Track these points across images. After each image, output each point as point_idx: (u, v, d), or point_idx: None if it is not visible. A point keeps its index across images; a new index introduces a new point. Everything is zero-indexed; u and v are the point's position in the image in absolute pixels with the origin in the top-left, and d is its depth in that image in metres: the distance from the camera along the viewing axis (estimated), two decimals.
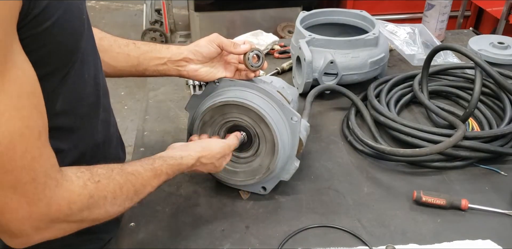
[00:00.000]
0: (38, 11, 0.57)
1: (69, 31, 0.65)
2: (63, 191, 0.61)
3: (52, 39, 0.61)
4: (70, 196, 0.62)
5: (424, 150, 1.02)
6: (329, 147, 1.16)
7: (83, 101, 0.77)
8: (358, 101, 1.25)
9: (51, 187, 0.60)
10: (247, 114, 0.92)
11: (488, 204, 0.97)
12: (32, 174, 0.58)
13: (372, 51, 1.32)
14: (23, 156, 0.57)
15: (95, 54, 0.81)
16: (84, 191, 0.64)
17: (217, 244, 0.89)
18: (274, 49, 1.61)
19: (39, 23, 0.58)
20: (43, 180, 0.59)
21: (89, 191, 0.64)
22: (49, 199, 0.60)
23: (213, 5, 3.06)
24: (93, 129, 0.82)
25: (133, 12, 4.48)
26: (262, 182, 0.98)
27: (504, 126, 1.14)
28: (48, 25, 0.60)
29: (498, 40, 1.35)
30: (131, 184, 0.71)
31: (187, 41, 3.56)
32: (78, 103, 0.75)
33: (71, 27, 0.65)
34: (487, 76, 1.14)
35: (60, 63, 0.66)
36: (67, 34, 0.64)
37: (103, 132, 0.86)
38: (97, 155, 0.84)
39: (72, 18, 0.65)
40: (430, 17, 1.69)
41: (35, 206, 0.59)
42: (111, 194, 0.67)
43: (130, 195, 0.71)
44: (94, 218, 0.67)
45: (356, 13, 1.45)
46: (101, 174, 0.67)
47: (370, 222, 0.94)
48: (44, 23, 0.59)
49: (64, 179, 0.62)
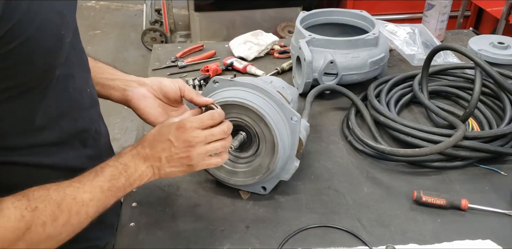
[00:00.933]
0: (2, 33, 0.55)
1: (41, 49, 0.62)
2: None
3: (21, 58, 0.59)
4: (4, 235, 0.59)
5: (424, 150, 1.02)
6: (329, 147, 1.16)
7: (68, 115, 0.74)
8: (358, 101, 1.25)
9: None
10: (247, 114, 0.92)
11: (488, 204, 0.97)
12: None
13: (372, 51, 1.32)
14: None
15: (82, 66, 0.78)
16: (20, 224, 0.61)
17: (217, 244, 0.89)
18: (274, 49, 1.61)
19: (4, 43, 0.56)
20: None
21: (26, 222, 0.61)
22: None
23: (213, 5, 3.06)
24: (82, 142, 0.79)
25: (133, 12, 4.48)
26: (262, 182, 0.98)
27: (504, 126, 1.14)
28: (15, 45, 0.57)
29: (498, 40, 1.35)
30: (71, 197, 0.66)
31: (187, 41, 3.56)
32: (62, 118, 0.72)
33: (43, 45, 0.62)
34: (487, 76, 1.14)
35: (35, 80, 0.64)
36: (39, 52, 0.61)
37: (94, 144, 0.83)
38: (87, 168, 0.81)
39: (46, 35, 0.61)
40: (430, 17, 1.69)
41: None
42: (50, 217, 0.64)
43: (74, 209, 0.66)
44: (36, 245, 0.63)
45: (356, 13, 1.45)
46: (38, 198, 0.64)
47: (370, 222, 0.94)
48: (10, 43, 0.56)
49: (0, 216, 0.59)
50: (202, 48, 1.65)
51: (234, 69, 1.50)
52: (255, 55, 1.56)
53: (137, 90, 0.89)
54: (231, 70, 1.50)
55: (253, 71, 1.47)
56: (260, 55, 1.58)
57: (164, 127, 0.77)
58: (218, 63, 1.51)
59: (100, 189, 0.69)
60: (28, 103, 0.64)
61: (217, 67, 1.46)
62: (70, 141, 0.76)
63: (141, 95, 0.88)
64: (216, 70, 1.45)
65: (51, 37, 0.62)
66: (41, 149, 0.66)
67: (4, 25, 0.54)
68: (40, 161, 0.63)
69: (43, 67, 0.64)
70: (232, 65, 1.50)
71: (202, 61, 1.56)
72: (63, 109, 0.72)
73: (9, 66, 0.58)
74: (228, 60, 1.52)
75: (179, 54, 1.59)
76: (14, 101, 0.60)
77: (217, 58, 1.59)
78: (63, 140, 0.74)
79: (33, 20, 0.58)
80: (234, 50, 1.59)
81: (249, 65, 1.49)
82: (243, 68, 1.48)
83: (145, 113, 0.89)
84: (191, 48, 1.63)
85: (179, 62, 1.54)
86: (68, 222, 0.66)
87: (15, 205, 0.61)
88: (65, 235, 0.67)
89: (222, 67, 1.49)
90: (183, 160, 0.76)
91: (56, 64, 0.66)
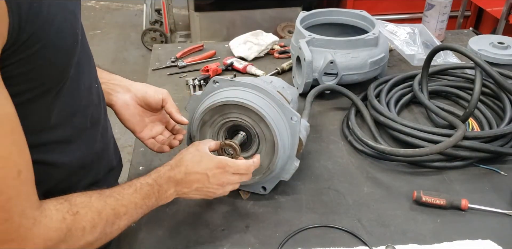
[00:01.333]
0: (27, 37, 0.56)
1: (61, 50, 0.63)
2: (40, 229, 0.60)
3: (42, 60, 0.60)
4: (46, 233, 0.61)
5: (424, 150, 1.02)
6: (329, 147, 1.16)
7: (81, 112, 0.76)
8: (358, 101, 1.25)
9: (26, 226, 0.59)
10: (247, 114, 0.92)
11: (488, 204, 0.97)
12: (5, 215, 0.57)
13: (372, 51, 1.32)
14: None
15: (89, 63, 0.79)
16: (62, 225, 0.63)
17: (217, 244, 0.89)
18: (274, 49, 1.61)
19: (27, 48, 0.57)
20: (18, 220, 0.58)
21: (66, 224, 0.63)
22: (23, 239, 0.59)
23: (213, 5, 3.06)
24: (92, 139, 0.81)
25: (133, 12, 4.48)
26: (262, 182, 0.98)
27: (504, 126, 1.14)
28: (38, 48, 0.58)
29: (498, 40, 1.35)
30: (110, 207, 0.70)
31: (187, 41, 3.56)
32: (74, 115, 0.74)
33: (63, 45, 0.63)
34: (487, 76, 1.14)
35: (53, 81, 0.65)
36: (60, 53, 0.63)
37: (102, 140, 0.85)
38: (97, 164, 0.83)
39: (65, 36, 0.63)
40: (430, 17, 1.69)
41: (6, 246, 0.58)
42: (90, 223, 0.66)
43: (111, 219, 0.69)
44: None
45: (356, 13, 1.45)
46: (79, 204, 0.66)
47: (370, 222, 0.94)
48: (33, 46, 0.57)
49: (43, 216, 0.61)
50: (202, 48, 1.65)
51: (234, 69, 1.50)
52: (255, 55, 1.56)
53: (121, 96, 0.95)
54: (231, 70, 1.50)
55: (253, 71, 1.47)
56: (260, 55, 1.58)
57: (205, 160, 0.84)
58: (218, 63, 1.51)
59: (134, 206, 0.74)
60: (45, 103, 0.65)
61: (217, 67, 1.46)
62: (81, 138, 0.77)
63: (123, 103, 0.95)
64: (216, 70, 1.45)
65: (69, 38, 0.64)
66: (55, 146, 0.67)
67: (28, 30, 0.55)
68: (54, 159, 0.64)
69: (61, 67, 0.65)
70: (232, 65, 1.50)
71: (202, 61, 1.56)
72: (75, 107, 0.74)
73: (31, 68, 0.59)
74: (228, 60, 1.52)
75: (179, 54, 1.59)
76: (34, 101, 0.61)
77: (217, 58, 1.59)
78: (75, 137, 0.75)
79: (53, 22, 0.59)
80: (234, 50, 1.59)
81: (249, 65, 1.49)
82: (243, 68, 1.48)
83: (125, 119, 0.96)
84: (191, 48, 1.63)
85: (179, 62, 1.54)
86: (104, 231, 0.68)
87: (57, 207, 0.63)
88: (98, 243, 0.69)
89: (222, 67, 1.49)
90: (210, 193, 0.86)
91: (72, 63, 0.67)
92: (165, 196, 0.80)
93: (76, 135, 0.75)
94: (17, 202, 0.58)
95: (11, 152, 0.57)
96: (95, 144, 0.82)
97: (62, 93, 0.68)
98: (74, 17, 0.66)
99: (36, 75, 0.61)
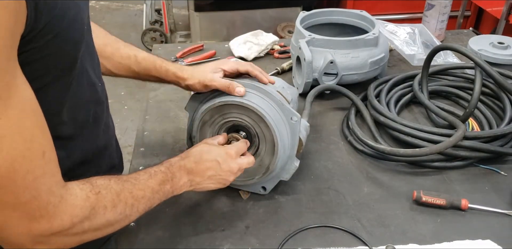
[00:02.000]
0: (42, 26, 0.58)
1: (71, 42, 0.66)
2: (66, 206, 0.63)
3: (54, 49, 0.63)
4: (73, 210, 0.63)
5: (424, 150, 1.02)
6: (329, 147, 1.16)
7: (84, 108, 0.77)
8: (358, 101, 1.25)
9: (54, 204, 0.61)
10: (247, 114, 0.92)
11: (488, 204, 0.97)
12: (33, 193, 0.59)
13: (372, 51, 1.32)
14: (25, 177, 0.58)
15: (93, 60, 0.81)
16: (86, 203, 0.65)
17: (217, 244, 0.89)
18: (274, 49, 1.61)
19: (42, 36, 0.59)
20: (46, 198, 0.60)
21: (90, 202, 0.66)
22: (51, 216, 0.61)
23: (213, 5, 3.06)
24: (94, 135, 0.83)
25: (133, 12, 4.48)
26: (262, 182, 0.98)
27: (504, 126, 1.14)
28: (51, 37, 0.61)
29: (498, 40, 1.35)
30: (128, 190, 0.72)
31: (187, 41, 3.56)
32: (79, 111, 0.76)
33: (72, 37, 0.66)
34: (487, 76, 1.14)
35: (63, 71, 0.68)
36: (69, 44, 0.66)
37: (104, 137, 0.86)
38: (98, 160, 0.84)
39: (75, 29, 0.66)
40: (430, 17, 1.69)
41: (36, 223, 0.60)
42: (110, 203, 0.68)
43: (130, 201, 0.72)
44: (96, 228, 0.68)
45: (356, 13, 1.45)
46: (100, 185, 0.69)
47: (370, 222, 0.94)
48: (47, 36, 0.60)
49: (68, 194, 0.64)
50: (202, 48, 1.65)
51: None
52: (255, 55, 1.56)
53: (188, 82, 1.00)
54: None
55: None
56: (260, 55, 1.58)
57: (214, 148, 0.87)
58: None
59: (151, 190, 0.76)
60: (57, 95, 0.68)
61: None
62: (83, 134, 0.79)
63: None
64: None
65: (78, 31, 0.67)
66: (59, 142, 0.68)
67: (44, 20, 0.58)
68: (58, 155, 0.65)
69: (70, 58, 0.68)
70: None
71: (202, 61, 1.56)
72: (79, 103, 0.75)
73: (44, 56, 0.62)
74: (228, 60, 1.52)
75: (179, 54, 1.59)
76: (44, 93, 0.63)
77: (217, 58, 1.59)
78: (77, 133, 0.77)
79: (66, 15, 0.62)
80: (234, 50, 1.59)
81: None
82: None
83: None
84: (191, 48, 1.63)
85: (179, 62, 1.54)
86: (123, 212, 0.71)
87: (80, 187, 0.66)
88: (117, 225, 0.72)
89: None
90: (223, 180, 0.88)
91: (78, 57, 0.70)
92: (178, 185, 0.82)
93: (78, 131, 0.77)
94: (44, 180, 0.60)
95: (35, 134, 0.59)
96: (96, 141, 0.83)
97: (71, 87, 0.70)
98: (83, 12, 0.70)
99: (47, 63, 0.63)
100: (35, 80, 0.62)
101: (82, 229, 0.65)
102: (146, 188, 0.75)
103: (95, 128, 0.83)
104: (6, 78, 0.55)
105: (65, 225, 0.63)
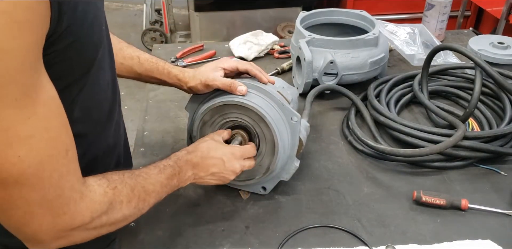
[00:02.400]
0: (62, 30, 0.59)
1: (90, 44, 0.67)
2: (86, 202, 0.65)
3: (74, 52, 0.63)
4: (92, 206, 0.65)
5: (424, 150, 1.02)
6: (329, 147, 1.16)
7: (99, 107, 0.79)
8: (358, 101, 1.25)
9: (76, 200, 0.63)
10: (247, 114, 0.92)
11: (488, 204, 0.97)
12: (58, 191, 0.61)
13: (372, 51, 1.32)
14: (51, 175, 0.59)
15: (111, 59, 0.82)
16: (105, 199, 0.67)
17: (217, 244, 0.89)
18: (274, 49, 1.61)
19: (62, 40, 0.60)
20: (69, 195, 0.62)
21: (108, 198, 0.68)
22: (73, 211, 0.63)
23: (213, 5, 3.06)
24: (106, 133, 0.84)
25: (133, 12, 4.48)
26: (262, 182, 0.98)
27: (504, 126, 1.14)
28: (71, 41, 0.61)
29: (498, 40, 1.35)
30: (141, 185, 0.74)
31: (187, 41, 3.56)
32: (94, 110, 0.77)
33: (92, 40, 0.67)
34: (487, 76, 1.14)
35: (80, 73, 0.69)
36: (89, 47, 0.67)
37: (115, 135, 0.87)
38: (106, 158, 0.85)
39: (94, 31, 0.67)
40: (430, 17, 1.69)
41: (59, 219, 0.62)
42: (126, 198, 0.71)
43: (142, 195, 0.74)
44: (112, 222, 0.70)
45: (356, 13, 1.45)
46: (116, 180, 0.71)
47: (370, 222, 0.94)
48: (67, 39, 0.61)
49: (88, 190, 0.65)
50: (202, 48, 1.65)
51: None
52: (255, 55, 1.56)
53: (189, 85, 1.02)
54: None
55: None
56: (260, 55, 1.58)
57: (221, 146, 0.89)
58: None
59: (160, 184, 0.78)
60: (70, 96, 0.68)
61: None
62: (97, 132, 0.80)
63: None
64: None
65: (97, 33, 0.68)
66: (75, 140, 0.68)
67: (65, 23, 0.59)
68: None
69: (88, 61, 0.69)
70: None
71: (202, 61, 1.56)
72: (95, 101, 0.76)
73: (63, 60, 0.62)
74: None
75: (179, 54, 1.59)
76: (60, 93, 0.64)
77: (217, 58, 1.59)
78: (91, 131, 0.78)
79: (86, 18, 0.63)
80: (234, 50, 1.59)
81: None
82: None
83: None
84: (191, 48, 1.63)
85: (179, 62, 1.54)
86: (137, 206, 0.73)
87: (98, 183, 0.68)
88: (131, 218, 0.74)
89: None
90: (224, 178, 0.90)
91: (97, 58, 0.71)
92: (184, 178, 0.84)
93: (92, 129, 0.78)
94: (68, 178, 0.62)
95: (60, 133, 0.60)
96: (107, 139, 0.84)
97: (85, 87, 0.71)
98: (102, 14, 0.71)
99: (65, 67, 0.64)
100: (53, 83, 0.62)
101: (101, 223, 0.67)
102: (156, 183, 0.77)
103: (108, 126, 0.84)
104: (35, 78, 0.56)
105: (85, 221, 0.64)
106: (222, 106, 0.92)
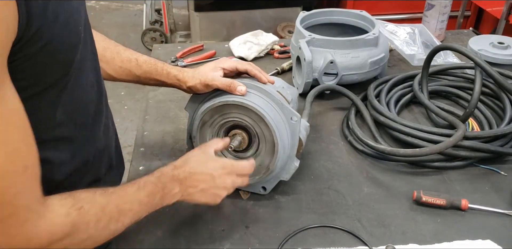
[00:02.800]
0: (32, 33, 0.56)
1: (65, 46, 0.64)
2: (45, 224, 0.61)
3: (48, 55, 0.61)
4: (51, 228, 0.62)
5: (424, 150, 1.02)
6: (329, 147, 1.16)
7: (83, 109, 0.76)
8: (358, 101, 1.25)
9: (32, 221, 0.59)
10: (246, 114, 0.92)
11: (488, 204, 0.97)
12: (12, 209, 0.57)
13: (372, 51, 1.32)
14: (4, 192, 0.56)
15: (94, 60, 0.80)
16: (66, 220, 0.63)
17: (217, 244, 0.89)
18: (274, 49, 1.61)
19: (33, 43, 0.57)
20: (24, 215, 0.59)
21: (71, 219, 0.64)
22: (29, 233, 0.59)
23: (213, 5, 3.06)
24: (95, 136, 0.82)
25: (133, 12, 4.48)
26: (262, 182, 0.98)
27: (504, 126, 1.14)
28: (44, 43, 0.59)
29: (498, 40, 1.35)
30: (114, 204, 0.70)
31: (187, 41, 3.56)
32: (78, 112, 0.74)
33: (67, 42, 0.64)
34: (487, 76, 1.14)
35: (57, 76, 0.66)
36: (63, 49, 0.64)
37: (104, 137, 0.85)
38: (98, 161, 0.83)
39: (69, 33, 0.64)
40: (430, 17, 1.69)
41: (13, 240, 0.59)
42: (94, 218, 0.66)
43: (115, 215, 0.70)
44: (77, 243, 0.66)
45: (356, 13, 1.45)
46: (84, 199, 0.67)
47: (370, 222, 0.94)
48: (38, 43, 0.58)
49: (47, 211, 0.62)
50: (202, 48, 1.65)
51: None
52: (255, 55, 1.56)
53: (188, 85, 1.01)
54: None
55: None
56: (260, 55, 1.58)
57: (211, 161, 0.85)
58: None
59: (138, 203, 0.74)
60: (49, 99, 0.66)
61: None
62: (83, 135, 0.77)
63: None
64: None
65: (73, 35, 0.65)
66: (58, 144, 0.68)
67: (35, 25, 0.56)
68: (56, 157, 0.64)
69: (65, 63, 0.66)
70: None
71: (202, 61, 1.56)
72: (78, 104, 0.74)
73: (35, 63, 0.60)
74: None
75: (179, 54, 1.59)
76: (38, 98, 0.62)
77: (217, 58, 1.59)
78: (77, 135, 0.76)
79: (58, 20, 0.60)
80: (234, 50, 1.59)
81: None
82: None
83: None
84: (191, 48, 1.63)
85: (179, 62, 1.54)
86: (107, 227, 0.69)
87: (61, 203, 0.64)
88: (100, 239, 0.69)
89: None
90: (215, 195, 0.85)
91: (75, 60, 0.68)
92: (170, 195, 0.80)
93: (78, 132, 0.76)
94: (23, 196, 0.58)
95: (19, 147, 0.57)
96: (96, 142, 0.82)
97: (66, 89, 0.69)
98: (78, 14, 0.67)
99: (39, 71, 0.61)
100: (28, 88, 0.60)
101: (63, 245, 0.64)
102: (134, 201, 0.73)
103: (95, 129, 0.82)
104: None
105: (42, 243, 0.61)
106: (221, 106, 0.92)
